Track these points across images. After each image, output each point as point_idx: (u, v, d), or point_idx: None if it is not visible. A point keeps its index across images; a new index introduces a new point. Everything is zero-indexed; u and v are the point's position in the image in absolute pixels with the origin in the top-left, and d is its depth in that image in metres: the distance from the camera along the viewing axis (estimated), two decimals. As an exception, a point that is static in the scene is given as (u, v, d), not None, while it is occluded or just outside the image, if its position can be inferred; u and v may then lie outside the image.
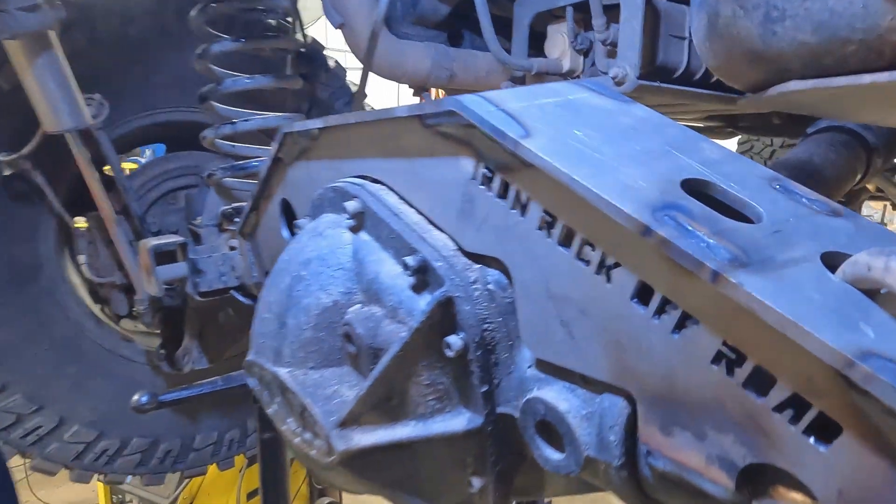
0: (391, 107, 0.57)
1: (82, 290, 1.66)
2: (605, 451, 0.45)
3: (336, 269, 0.61)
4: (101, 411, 1.56)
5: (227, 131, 1.17)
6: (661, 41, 1.25)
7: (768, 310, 0.31)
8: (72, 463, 1.54)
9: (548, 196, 0.44)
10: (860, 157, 1.32)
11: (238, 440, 1.80)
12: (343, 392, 0.57)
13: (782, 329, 0.31)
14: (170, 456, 1.68)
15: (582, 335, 0.45)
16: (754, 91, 0.68)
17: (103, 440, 1.56)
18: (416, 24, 1.63)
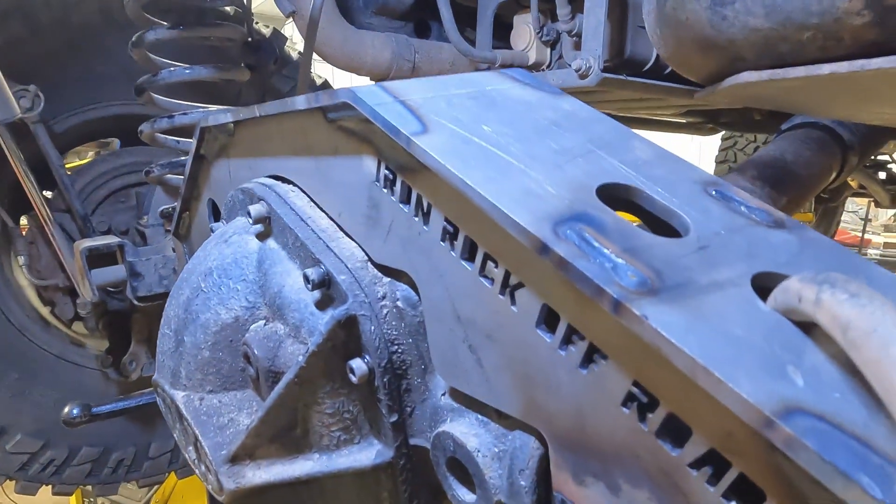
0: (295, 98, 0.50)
1: (29, 291, 1.58)
2: (516, 497, 0.39)
3: (239, 281, 0.54)
4: (46, 420, 1.49)
5: (164, 125, 1.10)
6: (628, 32, 1.19)
7: (676, 350, 0.25)
8: (15, 474, 1.46)
9: (447, 203, 0.38)
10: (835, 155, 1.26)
11: (196, 447, 1.72)
12: (240, 420, 0.51)
13: (692, 375, 0.25)
14: (122, 465, 1.60)
15: (490, 364, 0.39)
16: (709, 82, 0.62)
17: (49, 450, 1.49)
18: (378, 14, 1.56)
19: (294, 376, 0.46)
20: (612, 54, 1.16)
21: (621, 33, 1.17)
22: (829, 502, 0.23)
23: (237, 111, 0.63)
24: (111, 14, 1.46)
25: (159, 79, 1.09)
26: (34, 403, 1.48)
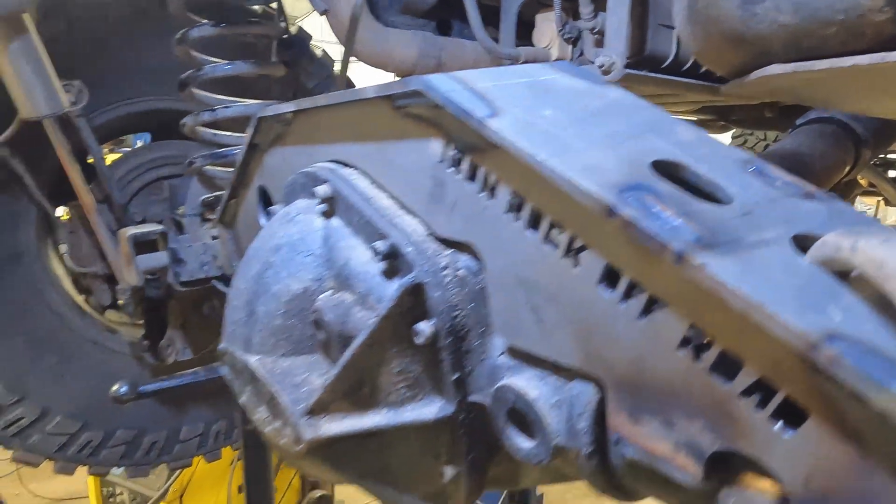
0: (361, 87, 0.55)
1: (66, 280, 1.64)
2: (575, 438, 0.44)
3: (306, 256, 0.60)
4: (84, 402, 1.55)
5: (206, 118, 1.15)
6: (649, 30, 1.23)
7: (732, 292, 0.30)
8: (55, 454, 1.52)
9: (515, 178, 0.43)
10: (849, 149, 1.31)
11: (225, 432, 1.78)
12: (312, 380, 0.56)
13: (746, 311, 0.30)
14: (155, 448, 1.66)
15: (551, 321, 0.44)
16: (736, 76, 0.67)
17: (87, 431, 1.55)
18: (403, 13, 1.61)
19: (366, 338, 0.51)
20: (634, 51, 1.21)
21: (642, 31, 1.22)
22: (864, 413, 0.27)
23: (298, 102, 0.68)
24: (146, 13, 1.52)
25: (203, 74, 1.14)
26: (73, 387, 1.54)
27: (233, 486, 3.35)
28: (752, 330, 0.30)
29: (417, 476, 0.56)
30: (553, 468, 0.57)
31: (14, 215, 1.46)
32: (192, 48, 1.18)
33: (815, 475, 0.31)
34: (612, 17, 1.17)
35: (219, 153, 1.19)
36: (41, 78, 1.12)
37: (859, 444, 0.29)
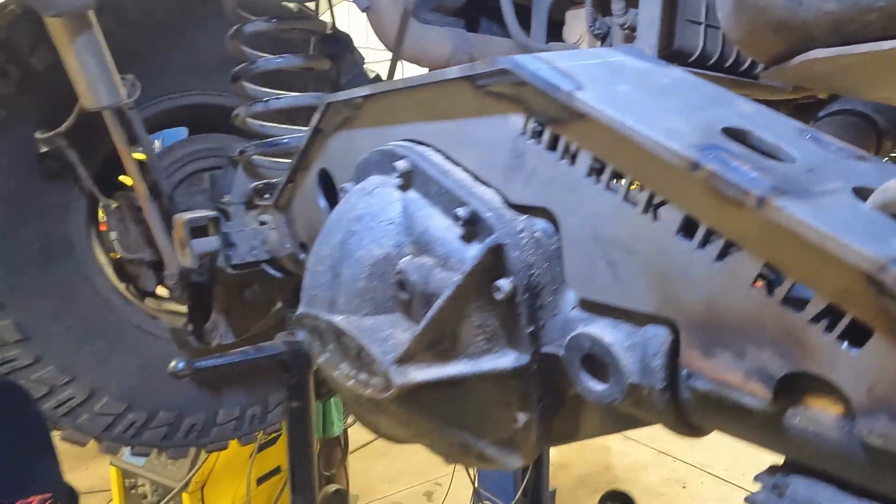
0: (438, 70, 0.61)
1: (108, 268, 1.71)
2: (649, 376, 0.49)
3: (387, 224, 0.66)
4: (129, 384, 1.61)
5: (259, 109, 1.22)
6: (677, 25, 1.29)
7: (809, 227, 0.36)
8: (101, 434, 1.58)
9: (598, 144, 0.49)
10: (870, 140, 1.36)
11: (259, 416, 1.84)
12: (397, 335, 0.62)
13: (821, 243, 0.35)
14: (194, 430, 1.72)
15: (628, 273, 0.50)
16: (777, 63, 0.72)
17: (131, 412, 1.61)
18: (435, 11, 1.68)
19: (451, 293, 0.57)
20: (663, 46, 1.26)
21: (671, 26, 1.28)
22: (923, 325, 0.33)
23: (371, 87, 0.74)
24: (189, 12, 1.59)
25: (256, 67, 1.21)
26: (119, 369, 1.60)
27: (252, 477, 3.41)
28: (825, 260, 0.36)
29: (492, 422, 0.62)
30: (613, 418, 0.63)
31: (66, 204, 1.52)
32: (244, 44, 1.24)
33: (878, 384, 0.36)
34: (643, 12, 1.22)
35: (271, 142, 1.25)
36: (103, 71, 1.19)
37: (919, 354, 0.34)
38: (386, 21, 1.37)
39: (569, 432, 0.66)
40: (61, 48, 1.15)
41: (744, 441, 0.49)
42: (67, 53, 1.15)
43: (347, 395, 0.71)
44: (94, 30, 1.16)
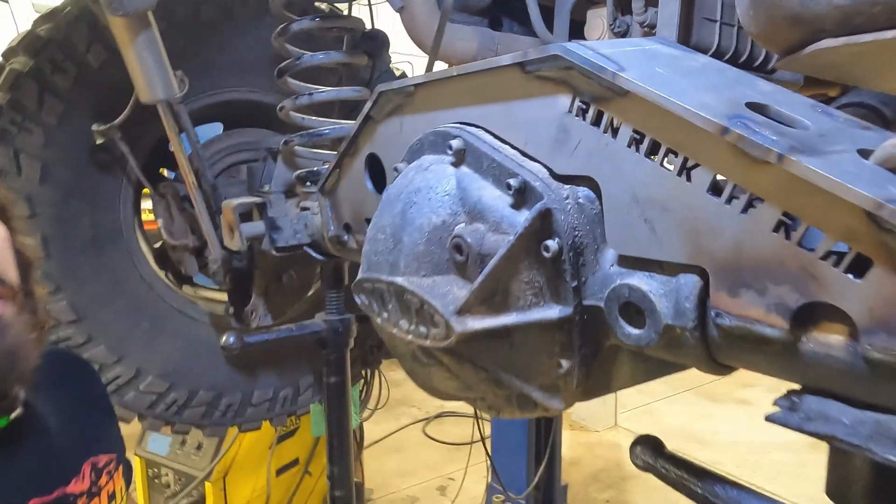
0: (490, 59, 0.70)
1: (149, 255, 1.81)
2: (681, 317, 0.57)
3: (444, 196, 0.74)
4: (171, 365, 1.71)
5: (304, 102, 1.31)
6: (694, 23, 1.37)
7: (820, 176, 0.44)
8: (145, 411, 1.68)
9: (639, 117, 0.57)
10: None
11: (291, 398, 1.93)
12: (455, 291, 0.70)
13: (830, 189, 0.43)
14: (231, 409, 1.82)
15: (663, 229, 0.58)
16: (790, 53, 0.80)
17: (173, 391, 1.70)
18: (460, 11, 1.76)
19: (505, 252, 0.65)
20: (681, 42, 1.34)
21: (689, 24, 1.36)
22: (914, 253, 0.41)
23: (424, 76, 0.82)
24: (231, 12, 1.69)
25: (301, 63, 1.30)
26: (162, 350, 1.70)
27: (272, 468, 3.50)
28: (834, 203, 0.44)
29: (537, 369, 0.70)
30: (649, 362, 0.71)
31: (116, 193, 1.62)
32: (288, 42, 1.33)
33: (878, 306, 0.44)
34: (663, 11, 1.30)
35: (315, 133, 1.34)
36: (160, 67, 1.28)
37: (911, 278, 0.42)
38: (419, 21, 1.46)
39: (604, 384, 0.74)
40: (123, 45, 1.25)
41: (762, 372, 0.57)
42: (128, 50, 1.25)
43: (404, 351, 0.80)
44: (153, 29, 1.25)
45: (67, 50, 1.47)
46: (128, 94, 1.46)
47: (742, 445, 5.25)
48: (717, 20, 1.40)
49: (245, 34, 1.71)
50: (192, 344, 1.75)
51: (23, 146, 1.44)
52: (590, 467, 5.29)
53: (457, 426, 5.91)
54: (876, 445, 0.45)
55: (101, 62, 1.50)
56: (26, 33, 1.46)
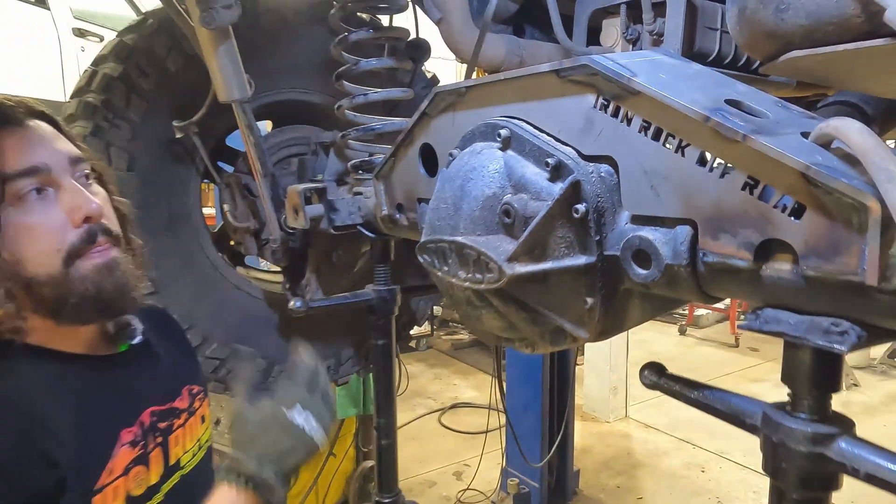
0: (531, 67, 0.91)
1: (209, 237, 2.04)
2: (678, 257, 0.78)
3: (494, 173, 0.95)
4: (230, 335, 1.93)
5: (360, 101, 1.52)
6: (697, 32, 1.57)
7: (772, 149, 0.64)
8: (210, 375, 1.90)
9: (647, 110, 0.77)
10: (860, 126, 1.61)
11: (333, 368, 2.15)
12: (504, 245, 0.91)
13: (778, 158, 0.64)
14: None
15: (664, 192, 0.78)
16: (769, 60, 1.00)
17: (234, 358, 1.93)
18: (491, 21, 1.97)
19: (545, 214, 0.86)
20: (686, 48, 1.54)
21: (692, 32, 1.56)
22: (832, 198, 0.61)
23: (476, 80, 1.03)
24: (286, 22, 1.91)
25: (358, 68, 1.52)
26: (224, 321, 1.92)
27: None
28: (781, 168, 0.64)
29: (568, 305, 0.91)
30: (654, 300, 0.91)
31: (186, 183, 1.85)
32: (345, 50, 1.55)
33: (811, 238, 0.64)
34: (670, 21, 1.51)
35: (369, 128, 1.56)
36: (236, 70, 1.50)
37: (832, 219, 0.62)
38: (455, 30, 1.67)
39: (619, 321, 0.94)
40: (207, 53, 1.47)
41: (735, 297, 0.77)
42: (211, 57, 1.47)
43: (460, 297, 1.01)
44: (232, 39, 1.48)
45: (150, 57, 1.70)
46: (199, 95, 1.69)
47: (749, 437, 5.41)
48: (717, 29, 1.60)
49: (297, 42, 1.93)
50: (249, 316, 1.98)
51: (113, 140, 1.67)
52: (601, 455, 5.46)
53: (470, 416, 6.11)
54: (810, 336, 0.65)
55: (178, 67, 1.72)
56: (116, 42, 1.69)
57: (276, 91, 1.99)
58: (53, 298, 0.93)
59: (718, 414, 0.82)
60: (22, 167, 0.91)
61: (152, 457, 1.03)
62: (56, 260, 0.92)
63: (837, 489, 0.69)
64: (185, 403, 1.18)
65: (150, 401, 1.09)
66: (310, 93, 2.01)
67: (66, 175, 0.95)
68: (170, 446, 1.08)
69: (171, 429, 1.10)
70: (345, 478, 4.06)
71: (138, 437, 1.01)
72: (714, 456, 5.17)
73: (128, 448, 0.98)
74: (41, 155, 0.93)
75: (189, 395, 1.21)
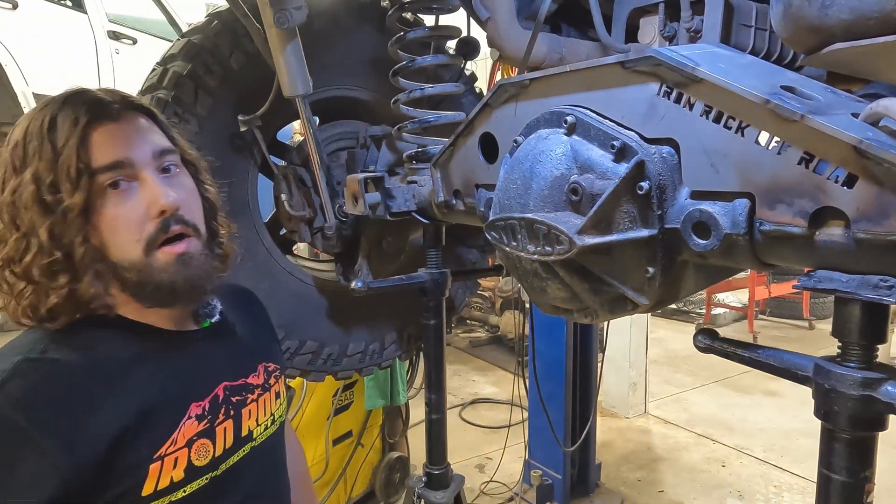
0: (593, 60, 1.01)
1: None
2: (736, 227, 0.87)
3: (561, 156, 1.05)
4: (286, 317, 2.04)
5: (417, 95, 1.63)
6: (733, 28, 1.66)
7: (827, 127, 0.73)
8: (265, 355, 2.01)
9: (709, 96, 0.87)
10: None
11: (378, 352, 2.26)
12: (572, 220, 1.01)
13: (833, 134, 0.73)
14: (330, 359, 2.15)
15: (724, 169, 0.88)
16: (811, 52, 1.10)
17: (287, 340, 2.04)
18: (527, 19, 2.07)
19: (612, 191, 0.96)
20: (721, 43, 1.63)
21: (729, 29, 1.65)
22: (882, 169, 0.70)
23: (540, 72, 1.13)
24: (338, 21, 2.02)
25: (415, 64, 1.62)
26: (279, 304, 2.03)
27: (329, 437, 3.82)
28: (835, 143, 0.73)
29: (631, 273, 1.00)
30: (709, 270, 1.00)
31: (246, 173, 1.96)
32: (401, 48, 1.66)
33: (862, 204, 0.73)
34: (708, 18, 1.60)
35: (424, 120, 1.66)
36: (301, 68, 1.61)
37: (880, 185, 0.71)
38: (501, 29, 1.77)
39: (675, 290, 1.04)
40: (275, 51, 1.58)
41: (790, 263, 0.86)
42: (279, 55, 1.58)
43: (527, 269, 1.11)
44: (298, 38, 1.59)
45: (216, 55, 1.81)
46: (259, 92, 1.80)
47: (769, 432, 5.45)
48: (752, 26, 1.69)
49: (347, 41, 2.04)
50: (301, 301, 2.09)
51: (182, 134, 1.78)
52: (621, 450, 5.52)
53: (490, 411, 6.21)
54: (861, 291, 0.75)
55: (241, 65, 1.84)
56: (184, 42, 1.81)
57: (326, 88, 2.10)
58: (135, 283, 1.02)
59: (771, 369, 0.91)
60: (108, 161, 0.98)
61: (219, 430, 1.08)
62: (136, 248, 1.00)
63: (884, 429, 0.78)
64: (259, 380, 1.23)
65: (223, 376, 1.15)
66: (356, 90, 2.12)
67: (148, 168, 1.03)
68: (242, 419, 1.14)
69: (244, 402, 1.16)
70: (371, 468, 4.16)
71: (206, 411, 1.07)
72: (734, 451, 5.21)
73: (193, 421, 1.04)
74: (127, 149, 1.01)
75: (265, 372, 1.27)
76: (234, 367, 1.19)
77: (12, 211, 0.98)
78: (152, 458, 0.96)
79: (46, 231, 0.96)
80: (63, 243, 0.97)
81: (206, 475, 1.04)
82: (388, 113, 1.89)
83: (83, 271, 0.98)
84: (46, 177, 0.96)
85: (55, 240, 0.97)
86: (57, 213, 0.96)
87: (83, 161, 0.96)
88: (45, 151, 0.96)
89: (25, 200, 0.96)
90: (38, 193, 0.96)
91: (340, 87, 2.12)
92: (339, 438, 3.91)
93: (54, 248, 0.97)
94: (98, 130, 1.00)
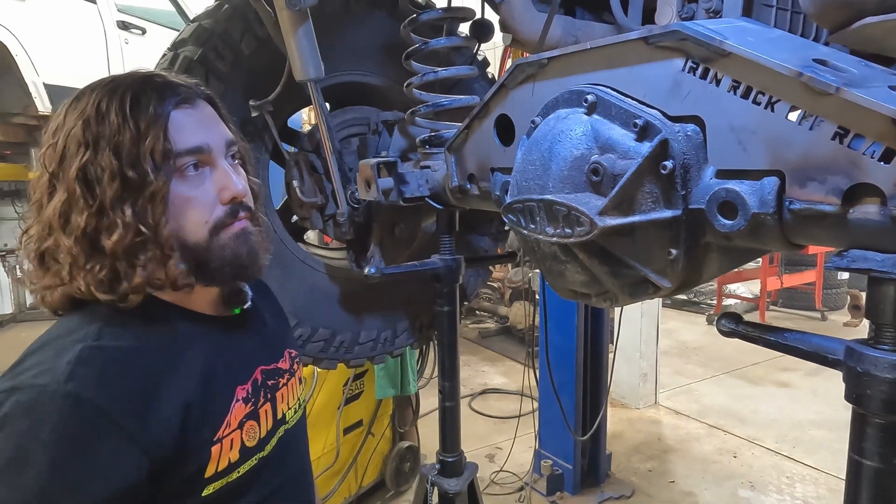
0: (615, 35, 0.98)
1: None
2: (765, 206, 0.84)
3: (581, 136, 1.02)
4: (297, 304, 2.03)
5: (430, 78, 1.60)
6: (754, 9, 1.62)
7: (864, 99, 0.71)
8: (277, 343, 2.00)
9: (737, 71, 0.84)
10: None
11: (390, 340, 2.25)
12: (593, 201, 0.98)
13: (870, 106, 0.70)
14: (343, 346, 2.14)
15: (752, 146, 0.85)
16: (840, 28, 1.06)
17: (300, 327, 2.03)
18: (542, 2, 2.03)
19: (634, 170, 0.93)
20: (743, 25, 1.59)
21: (749, 10, 1.61)
22: (921, 142, 0.67)
23: (559, 50, 1.10)
24: (349, 7, 1.99)
25: (428, 47, 1.59)
26: (292, 291, 2.02)
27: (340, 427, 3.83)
28: (871, 117, 0.70)
29: (653, 256, 0.98)
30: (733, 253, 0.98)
31: (258, 159, 1.95)
32: (413, 31, 1.63)
33: (900, 180, 0.71)
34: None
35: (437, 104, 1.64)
36: (313, 51, 1.59)
37: (920, 159, 0.68)
38: (516, 13, 1.74)
39: (698, 273, 1.01)
40: (287, 34, 1.56)
41: (821, 243, 0.83)
42: (290, 38, 1.56)
43: (546, 252, 1.08)
44: (310, 21, 1.56)
45: (227, 40, 1.79)
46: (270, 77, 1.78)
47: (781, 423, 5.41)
48: (773, 6, 1.65)
49: (358, 27, 2.02)
50: (313, 288, 2.08)
51: (193, 119, 1.77)
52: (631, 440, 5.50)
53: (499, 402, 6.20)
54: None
55: (251, 50, 1.82)
56: (195, 26, 1.79)
57: (337, 73, 2.07)
58: (196, 262, 1.03)
59: (799, 353, 0.89)
60: (190, 145, 1.00)
61: (262, 412, 1.12)
62: (204, 230, 1.02)
63: (919, 413, 0.76)
64: (286, 364, 1.26)
65: (260, 360, 1.18)
66: (368, 75, 2.09)
67: (221, 156, 1.05)
68: (277, 402, 1.17)
69: (277, 386, 1.19)
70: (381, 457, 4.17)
71: (250, 393, 1.10)
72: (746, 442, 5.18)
73: (241, 404, 1.07)
74: (206, 135, 1.02)
75: (290, 358, 1.30)
76: (268, 352, 1.22)
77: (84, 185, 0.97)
78: (212, 441, 0.98)
79: (131, 208, 0.96)
80: (149, 223, 0.97)
81: (256, 455, 1.06)
82: (399, 99, 1.86)
83: (170, 251, 0.99)
84: (129, 154, 0.96)
85: (140, 218, 0.97)
86: (144, 192, 0.96)
87: (168, 143, 0.97)
88: (128, 129, 0.96)
89: (104, 176, 0.96)
90: (120, 169, 0.96)
91: (352, 72, 2.09)
92: (350, 428, 3.93)
93: (141, 225, 0.97)
94: (180, 114, 1.01)
